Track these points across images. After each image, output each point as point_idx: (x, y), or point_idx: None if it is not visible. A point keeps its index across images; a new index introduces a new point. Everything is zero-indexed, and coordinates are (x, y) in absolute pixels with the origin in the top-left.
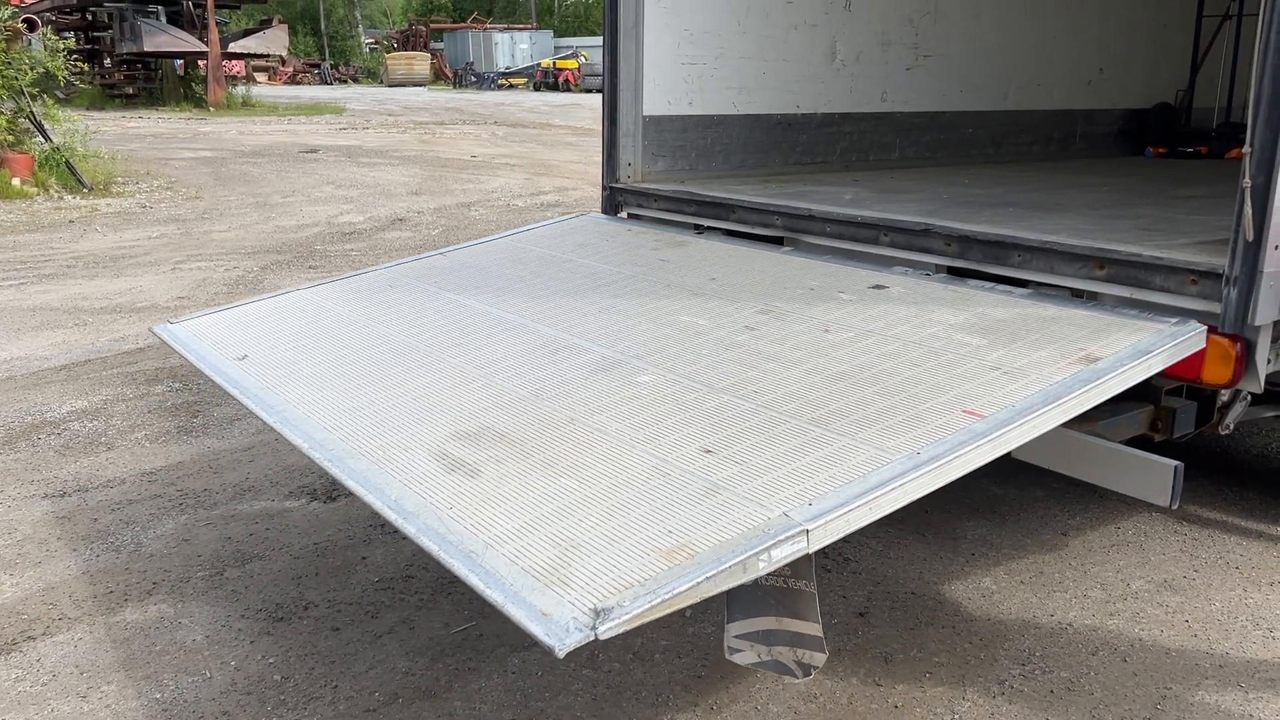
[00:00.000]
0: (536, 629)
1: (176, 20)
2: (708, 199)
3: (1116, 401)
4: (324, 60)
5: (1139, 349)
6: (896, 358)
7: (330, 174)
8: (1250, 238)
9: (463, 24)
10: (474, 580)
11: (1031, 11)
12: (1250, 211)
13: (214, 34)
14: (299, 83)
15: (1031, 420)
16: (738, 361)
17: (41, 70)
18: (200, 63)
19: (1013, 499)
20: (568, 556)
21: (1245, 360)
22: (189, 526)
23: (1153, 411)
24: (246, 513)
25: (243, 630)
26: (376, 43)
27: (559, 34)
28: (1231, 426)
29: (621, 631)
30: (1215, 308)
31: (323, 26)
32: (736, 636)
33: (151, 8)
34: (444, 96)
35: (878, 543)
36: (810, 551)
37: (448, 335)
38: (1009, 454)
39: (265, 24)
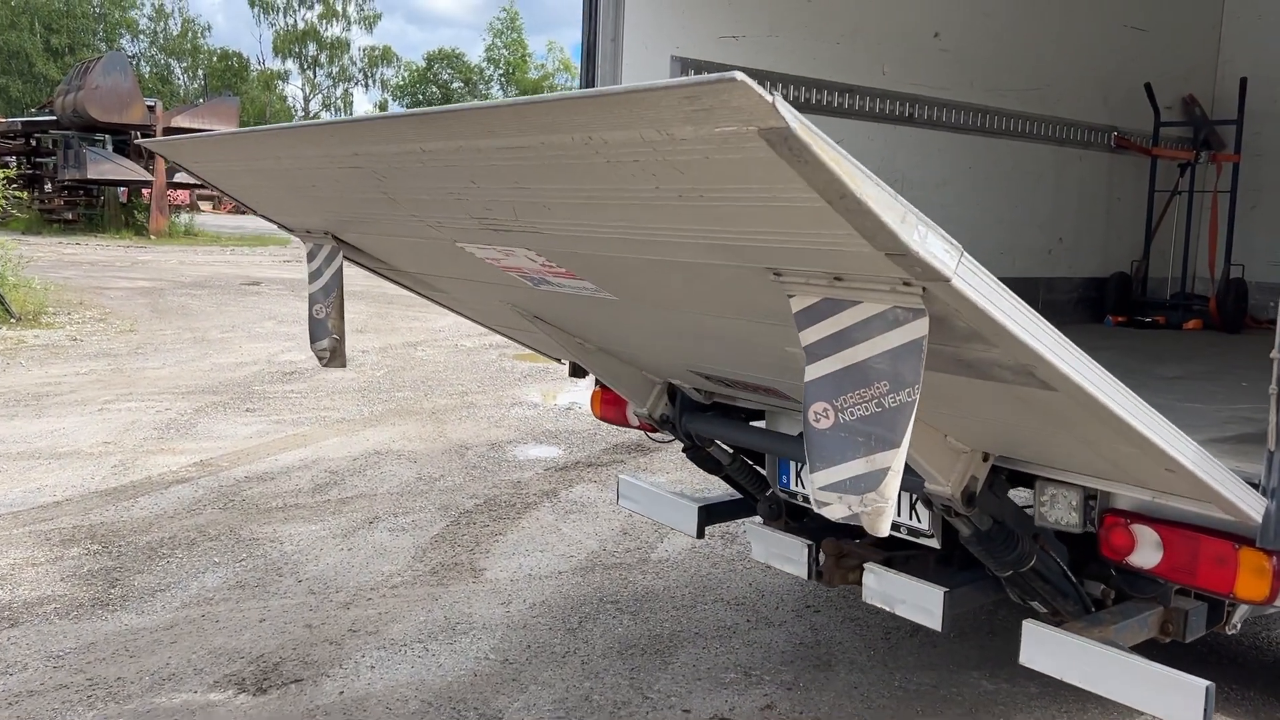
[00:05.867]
0: None
1: (122, 149)
2: None
3: (1123, 601)
4: None
5: None
6: None
7: (272, 309)
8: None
9: None
10: None
11: (993, 182)
12: None
13: (160, 163)
14: (244, 213)
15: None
16: None
17: None
18: (144, 190)
19: (1005, 696)
20: None
21: None
22: None
23: (1163, 613)
24: (165, 707)
25: None
26: None
27: None
28: (1239, 626)
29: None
30: (1250, 520)
31: None
32: (821, 489)
33: (98, 136)
34: None
35: None
36: (953, 282)
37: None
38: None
39: None
